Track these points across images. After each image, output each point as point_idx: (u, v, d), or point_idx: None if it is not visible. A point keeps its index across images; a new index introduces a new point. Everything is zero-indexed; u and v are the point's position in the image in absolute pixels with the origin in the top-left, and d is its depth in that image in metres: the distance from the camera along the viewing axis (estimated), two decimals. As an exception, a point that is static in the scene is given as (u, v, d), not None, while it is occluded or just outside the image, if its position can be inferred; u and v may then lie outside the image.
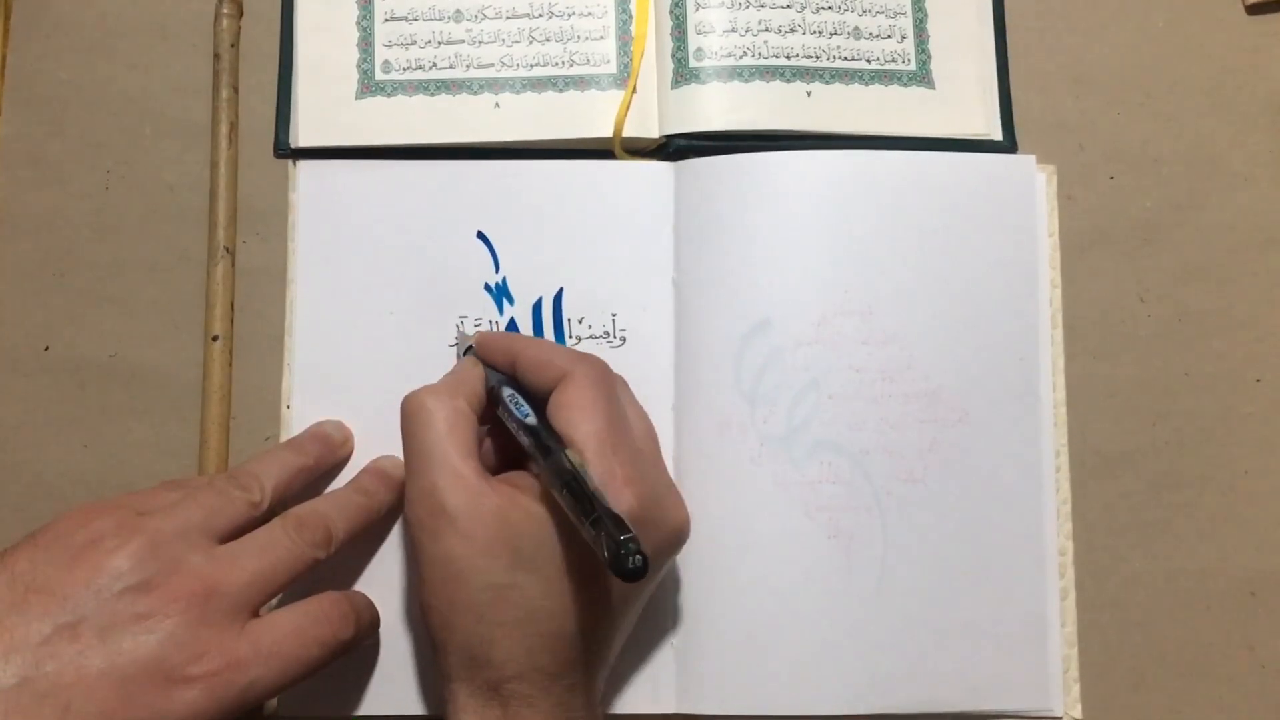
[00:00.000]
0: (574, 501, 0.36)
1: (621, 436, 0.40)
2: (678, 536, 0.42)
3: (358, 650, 0.43)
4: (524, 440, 0.40)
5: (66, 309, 0.49)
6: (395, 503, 0.45)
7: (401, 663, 0.46)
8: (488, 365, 0.44)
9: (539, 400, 0.42)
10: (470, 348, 0.45)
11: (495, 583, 0.38)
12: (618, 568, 0.33)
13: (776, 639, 0.45)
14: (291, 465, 0.43)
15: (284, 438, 0.47)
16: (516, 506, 0.39)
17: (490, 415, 0.43)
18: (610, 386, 0.42)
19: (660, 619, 0.46)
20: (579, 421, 0.39)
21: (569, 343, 0.48)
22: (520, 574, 0.38)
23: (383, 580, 0.46)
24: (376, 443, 0.46)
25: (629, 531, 0.34)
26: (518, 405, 0.41)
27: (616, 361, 0.46)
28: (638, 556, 0.33)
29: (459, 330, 0.48)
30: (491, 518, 0.38)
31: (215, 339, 0.48)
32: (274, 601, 0.41)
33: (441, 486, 0.39)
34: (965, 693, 0.46)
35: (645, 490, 0.39)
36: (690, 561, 0.46)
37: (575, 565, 0.38)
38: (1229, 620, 0.48)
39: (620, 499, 0.38)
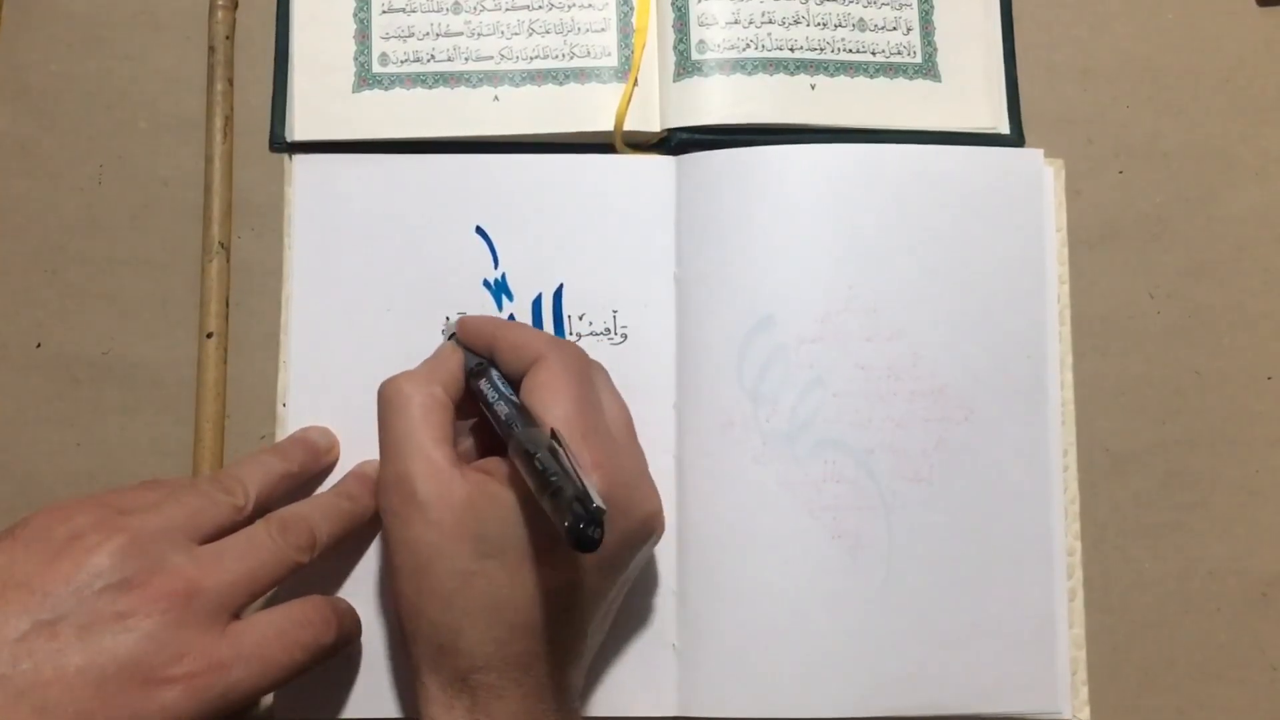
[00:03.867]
0: (538, 474, 0.35)
1: (592, 421, 0.40)
2: (648, 525, 0.41)
3: (341, 655, 0.42)
4: (496, 420, 0.40)
5: (59, 305, 0.48)
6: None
7: (395, 665, 0.45)
8: (467, 348, 0.44)
9: (515, 384, 0.42)
10: (453, 335, 0.45)
11: (461, 569, 0.38)
12: (574, 534, 0.32)
13: (779, 641, 0.45)
14: (275, 470, 0.43)
15: (279, 436, 0.47)
16: (485, 493, 0.38)
17: (472, 406, 0.43)
18: (584, 371, 0.41)
19: (661, 620, 0.46)
20: (549, 404, 0.39)
21: (569, 339, 0.47)
22: (487, 561, 0.38)
23: (368, 585, 0.46)
24: (371, 441, 0.46)
25: (593, 500, 0.33)
26: (493, 387, 0.41)
27: (618, 359, 0.46)
28: (596, 528, 0.32)
29: (447, 319, 0.47)
30: (460, 504, 0.38)
31: (210, 336, 0.47)
32: (256, 605, 0.40)
33: (413, 473, 0.39)
34: (972, 695, 0.45)
35: (614, 475, 0.39)
36: (691, 562, 0.46)
37: (542, 553, 0.38)
38: (1240, 622, 0.47)
39: (586, 483, 0.37)
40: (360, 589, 0.45)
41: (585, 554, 0.33)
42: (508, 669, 0.38)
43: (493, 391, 0.41)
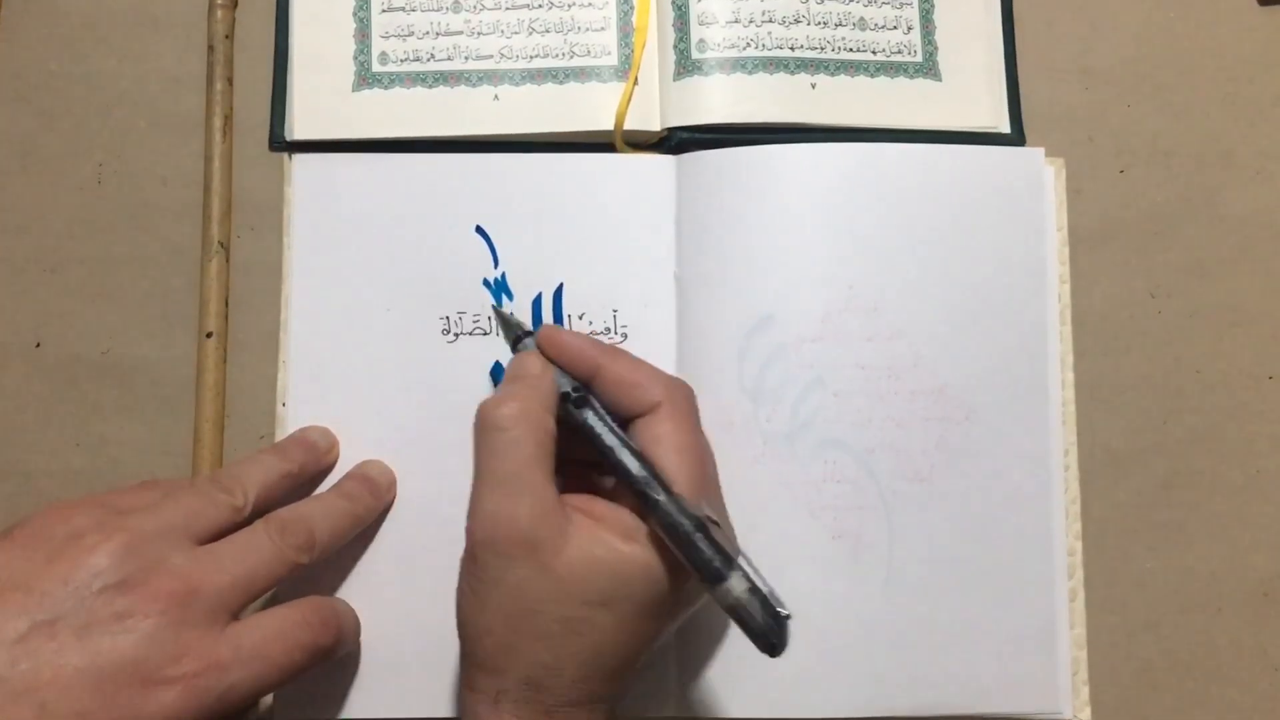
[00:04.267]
0: (697, 556, 0.35)
1: (711, 479, 0.39)
2: None
3: (339, 658, 0.42)
4: (614, 466, 0.38)
5: (58, 305, 0.48)
6: (380, 509, 0.45)
7: (395, 666, 0.45)
8: (559, 367, 0.41)
9: (613, 414, 0.40)
10: (522, 340, 0.42)
11: (569, 616, 0.37)
12: (765, 641, 0.33)
13: (780, 641, 0.45)
14: (275, 470, 0.43)
15: (279, 436, 0.47)
16: (601, 543, 0.37)
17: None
18: (697, 418, 0.41)
19: (662, 620, 0.46)
20: (678, 464, 0.38)
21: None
22: (597, 610, 0.37)
23: (368, 586, 0.45)
24: (371, 441, 0.46)
25: (780, 605, 0.33)
26: (609, 429, 0.39)
27: (617, 358, 0.46)
28: (783, 635, 0.33)
29: (497, 310, 0.46)
30: (575, 553, 0.37)
31: (209, 335, 0.47)
32: (255, 605, 0.40)
33: (524, 514, 0.37)
34: (972, 695, 0.45)
35: (725, 529, 0.38)
36: (692, 562, 0.45)
37: (654, 605, 0.38)
38: (1241, 622, 0.47)
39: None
40: (360, 590, 0.45)
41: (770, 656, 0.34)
42: (596, 704, 0.38)
43: (610, 435, 0.39)
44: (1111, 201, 0.50)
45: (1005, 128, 0.50)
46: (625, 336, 0.47)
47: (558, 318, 0.47)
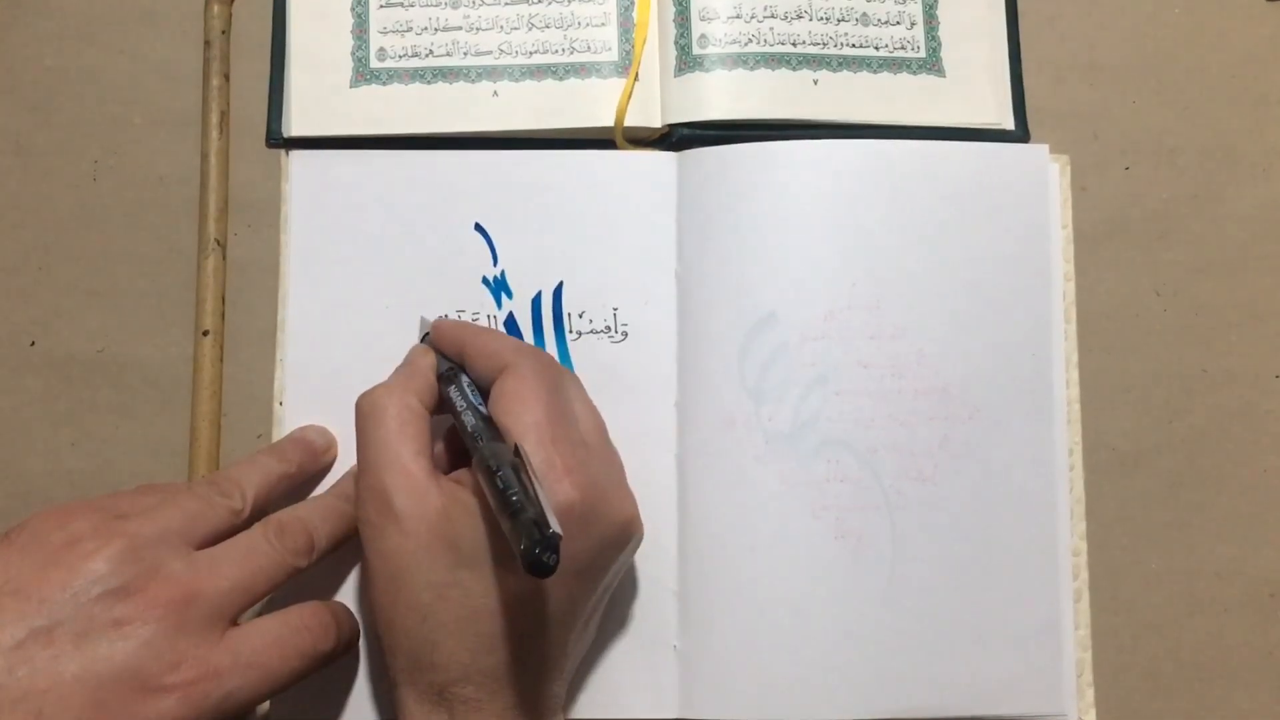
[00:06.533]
0: (498, 492, 0.35)
1: (562, 427, 0.39)
2: (623, 531, 0.40)
3: (339, 663, 0.42)
4: (463, 430, 0.40)
5: (53, 303, 0.48)
6: None
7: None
8: (439, 353, 0.43)
9: (485, 391, 0.41)
10: (427, 334, 0.44)
11: (436, 581, 0.37)
12: (529, 559, 0.32)
13: (782, 642, 0.45)
14: (274, 472, 0.42)
15: (276, 435, 0.46)
16: (459, 503, 0.38)
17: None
18: (554, 378, 0.41)
19: (662, 621, 0.45)
20: (519, 412, 0.38)
21: (569, 338, 0.47)
22: (461, 572, 0.37)
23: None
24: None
25: (549, 526, 0.33)
26: (461, 395, 0.41)
27: (618, 357, 0.46)
28: (550, 554, 0.32)
29: (422, 319, 0.46)
30: (435, 515, 0.37)
31: (206, 334, 0.47)
32: (254, 609, 0.40)
33: (389, 485, 0.38)
34: (976, 697, 0.45)
35: (586, 482, 0.38)
36: (693, 562, 0.45)
37: (516, 563, 0.37)
38: (1248, 623, 0.47)
39: (558, 489, 0.37)
40: (358, 593, 0.45)
41: (541, 577, 0.33)
42: (485, 681, 0.37)
43: (461, 400, 0.41)
44: (1116, 199, 0.49)
45: (1009, 124, 0.49)
46: (626, 335, 0.47)
47: (557, 316, 0.47)
